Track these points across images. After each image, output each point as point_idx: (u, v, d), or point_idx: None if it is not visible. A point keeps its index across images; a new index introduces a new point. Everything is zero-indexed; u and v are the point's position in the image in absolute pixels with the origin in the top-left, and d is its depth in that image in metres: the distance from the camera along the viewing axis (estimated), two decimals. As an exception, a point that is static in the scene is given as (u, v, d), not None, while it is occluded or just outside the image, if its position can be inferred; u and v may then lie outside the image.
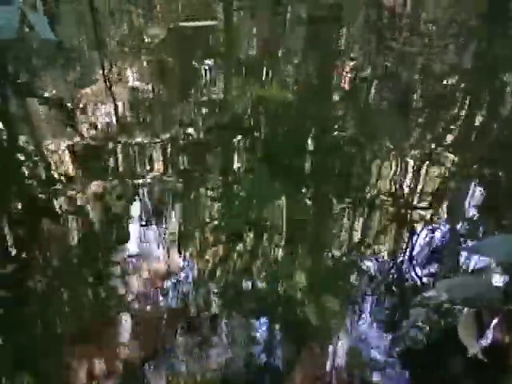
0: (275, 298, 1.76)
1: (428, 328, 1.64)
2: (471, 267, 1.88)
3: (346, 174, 2.32)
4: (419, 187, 2.30)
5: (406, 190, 2.26)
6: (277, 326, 1.67)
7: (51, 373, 1.52)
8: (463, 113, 2.94)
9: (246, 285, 1.82)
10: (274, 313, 1.71)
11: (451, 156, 2.46)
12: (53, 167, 2.37)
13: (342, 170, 2.36)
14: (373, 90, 3.12)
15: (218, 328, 1.65)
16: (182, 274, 1.85)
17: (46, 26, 3.20)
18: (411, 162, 2.41)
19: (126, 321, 1.66)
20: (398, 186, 2.29)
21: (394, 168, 2.38)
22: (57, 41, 3.32)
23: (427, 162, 2.40)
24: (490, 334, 1.56)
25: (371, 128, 2.67)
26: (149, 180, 2.28)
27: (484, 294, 1.57)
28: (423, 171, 2.38)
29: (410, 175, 2.36)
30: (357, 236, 2.04)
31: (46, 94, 3.01)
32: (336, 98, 2.97)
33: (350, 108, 2.85)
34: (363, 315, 1.70)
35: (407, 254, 1.96)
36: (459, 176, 2.36)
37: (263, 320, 1.69)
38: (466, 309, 1.64)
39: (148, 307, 1.72)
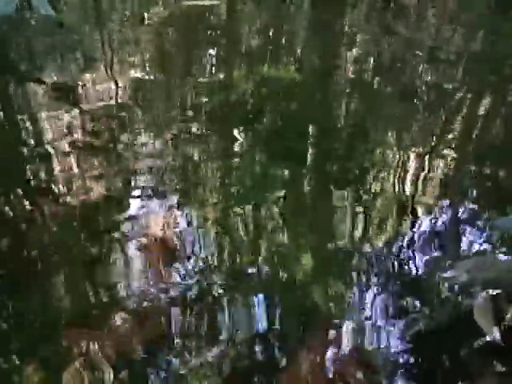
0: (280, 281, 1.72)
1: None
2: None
3: (347, 158, 2.27)
4: (422, 174, 2.26)
5: (409, 177, 2.23)
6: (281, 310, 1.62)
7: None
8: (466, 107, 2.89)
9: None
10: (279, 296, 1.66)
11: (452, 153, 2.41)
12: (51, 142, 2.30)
13: (344, 155, 2.31)
14: (376, 78, 3.05)
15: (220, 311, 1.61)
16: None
17: (45, 2, 3.12)
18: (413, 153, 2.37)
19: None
20: (400, 173, 2.25)
21: (396, 156, 2.34)
22: (57, 18, 3.22)
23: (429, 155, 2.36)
24: (509, 317, 1.51)
25: (374, 116, 2.61)
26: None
27: (504, 275, 1.52)
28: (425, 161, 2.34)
29: (412, 164, 2.32)
30: (359, 221, 2.00)
31: (47, 79, 2.89)
32: (340, 82, 2.90)
33: (353, 94, 2.78)
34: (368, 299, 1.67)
35: (408, 238, 1.93)
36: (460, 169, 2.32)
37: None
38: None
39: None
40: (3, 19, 3.20)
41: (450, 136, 2.52)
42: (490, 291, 1.53)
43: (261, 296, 1.63)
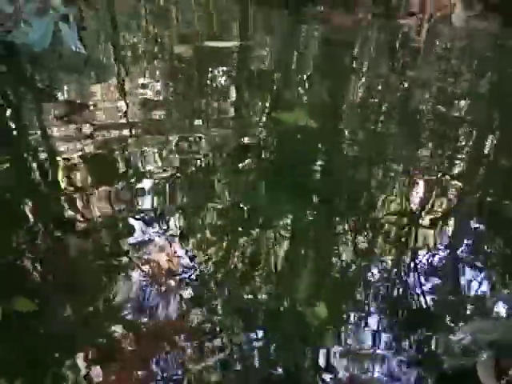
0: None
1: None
2: (472, 292, 1.91)
3: (353, 190, 2.35)
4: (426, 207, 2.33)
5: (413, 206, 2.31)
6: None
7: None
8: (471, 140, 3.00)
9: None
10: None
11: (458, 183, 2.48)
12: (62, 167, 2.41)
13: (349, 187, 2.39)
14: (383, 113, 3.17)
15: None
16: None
17: (76, 39, 3.28)
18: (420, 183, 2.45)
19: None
20: (404, 204, 2.32)
21: (401, 187, 2.43)
22: (86, 55, 3.39)
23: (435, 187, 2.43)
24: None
25: (380, 149, 2.71)
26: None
27: (509, 337, 1.55)
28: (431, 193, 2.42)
29: (417, 195, 2.40)
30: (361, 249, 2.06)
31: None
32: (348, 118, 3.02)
33: (360, 129, 2.89)
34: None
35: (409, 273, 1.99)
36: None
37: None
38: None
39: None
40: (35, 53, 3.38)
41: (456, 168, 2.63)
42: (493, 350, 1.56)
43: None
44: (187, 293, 1.79)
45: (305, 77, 3.58)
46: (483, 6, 5.38)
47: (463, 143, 2.94)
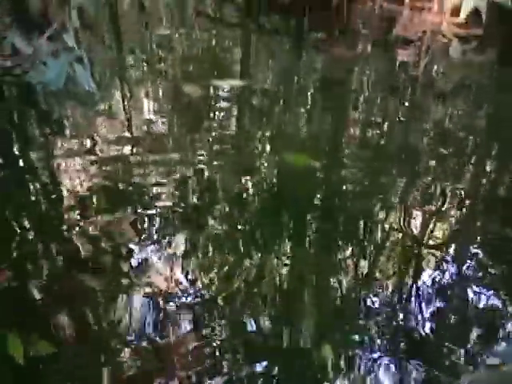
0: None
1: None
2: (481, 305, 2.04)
3: (355, 219, 2.47)
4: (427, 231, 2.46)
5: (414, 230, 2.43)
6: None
7: None
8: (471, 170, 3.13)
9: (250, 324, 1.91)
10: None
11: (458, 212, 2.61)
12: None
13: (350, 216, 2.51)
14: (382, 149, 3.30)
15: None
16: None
17: (89, 79, 3.46)
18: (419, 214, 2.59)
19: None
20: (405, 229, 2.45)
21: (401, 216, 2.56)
22: (97, 94, 3.56)
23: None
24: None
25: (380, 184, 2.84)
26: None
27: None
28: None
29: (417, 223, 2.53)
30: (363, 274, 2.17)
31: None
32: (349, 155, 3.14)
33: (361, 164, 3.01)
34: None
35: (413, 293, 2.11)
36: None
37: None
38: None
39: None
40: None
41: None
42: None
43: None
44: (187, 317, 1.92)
45: (305, 112, 3.74)
46: (479, 40, 5.59)
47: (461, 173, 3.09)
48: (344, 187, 2.76)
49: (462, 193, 2.80)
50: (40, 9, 4.38)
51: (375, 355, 1.82)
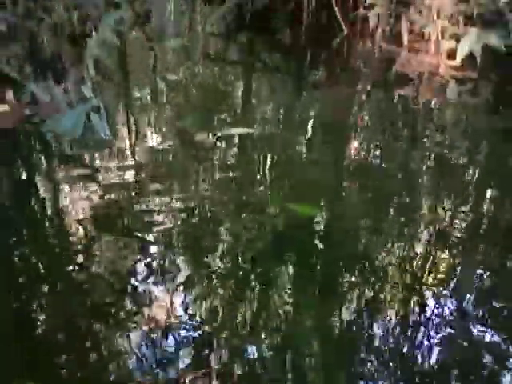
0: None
1: None
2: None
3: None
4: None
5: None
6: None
7: None
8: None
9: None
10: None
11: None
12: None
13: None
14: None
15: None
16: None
17: (105, 128, 3.64)
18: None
19: None
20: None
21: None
22: (113, 141, 3.73)
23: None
24: None
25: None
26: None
27: None
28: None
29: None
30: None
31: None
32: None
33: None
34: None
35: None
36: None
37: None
38: None
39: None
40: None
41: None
42: None
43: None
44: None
45: (308, 155, 3.90)
46: (475, 83, 5.82)
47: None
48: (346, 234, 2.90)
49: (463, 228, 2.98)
50: (58, 59, 4.61)
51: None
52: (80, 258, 2.57)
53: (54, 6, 4.97)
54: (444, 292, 2.50)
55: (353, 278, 2.53)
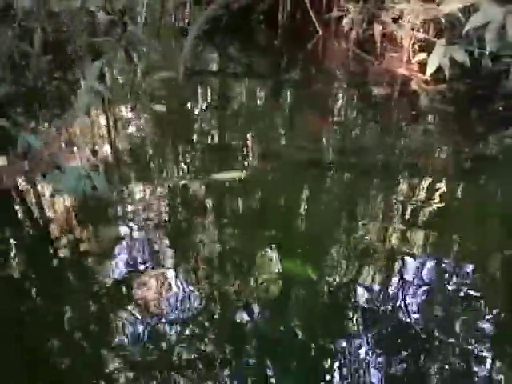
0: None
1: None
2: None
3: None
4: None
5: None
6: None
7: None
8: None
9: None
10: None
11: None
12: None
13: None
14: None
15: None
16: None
17: (105, 186, 3.89)
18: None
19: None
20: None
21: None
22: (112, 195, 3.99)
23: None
24: None
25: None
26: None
27: None
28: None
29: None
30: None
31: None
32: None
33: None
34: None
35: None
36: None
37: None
38: None
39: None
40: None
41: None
42: None
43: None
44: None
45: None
46: (443, 95, 6.18)
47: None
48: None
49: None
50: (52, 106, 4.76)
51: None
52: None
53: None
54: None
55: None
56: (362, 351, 2.60)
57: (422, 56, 6.56)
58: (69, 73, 5.92)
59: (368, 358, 2.57)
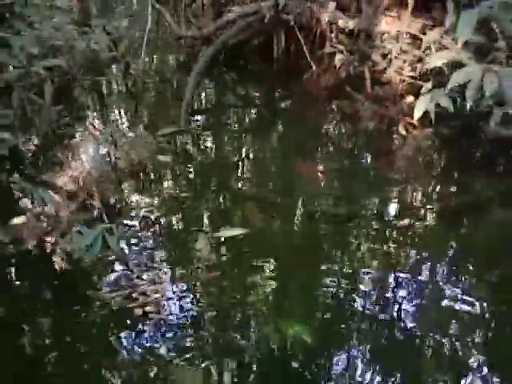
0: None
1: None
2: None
3: None
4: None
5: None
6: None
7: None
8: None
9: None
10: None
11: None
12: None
13: None
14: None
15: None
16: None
17: (117, 246, 4.26)
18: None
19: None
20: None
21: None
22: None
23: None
24: None
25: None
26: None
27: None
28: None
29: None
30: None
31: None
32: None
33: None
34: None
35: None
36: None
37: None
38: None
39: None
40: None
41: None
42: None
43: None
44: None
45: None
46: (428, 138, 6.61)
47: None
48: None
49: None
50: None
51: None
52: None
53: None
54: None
55: None
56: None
57: (410, 99, 6.98)
58: (79, 122, 6.30)
59: None
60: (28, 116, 5.92)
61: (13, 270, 4.25)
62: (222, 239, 4.53)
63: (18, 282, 4.17)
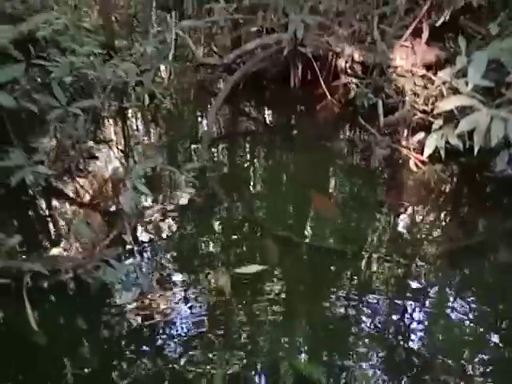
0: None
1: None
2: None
3: None
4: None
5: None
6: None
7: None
8: None
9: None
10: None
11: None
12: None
13: None
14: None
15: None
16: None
17: (146, 281, 4.65)
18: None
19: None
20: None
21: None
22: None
23: None
24: None
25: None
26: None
27: None
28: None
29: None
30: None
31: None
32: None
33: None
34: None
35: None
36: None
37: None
38: None
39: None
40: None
41: None
42: None
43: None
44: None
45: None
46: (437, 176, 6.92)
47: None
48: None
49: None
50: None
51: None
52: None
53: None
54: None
55: None
56: None
57: (421, 136, 7.30)
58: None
59: None
60: (62, 147, 6.35)
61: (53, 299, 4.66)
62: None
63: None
